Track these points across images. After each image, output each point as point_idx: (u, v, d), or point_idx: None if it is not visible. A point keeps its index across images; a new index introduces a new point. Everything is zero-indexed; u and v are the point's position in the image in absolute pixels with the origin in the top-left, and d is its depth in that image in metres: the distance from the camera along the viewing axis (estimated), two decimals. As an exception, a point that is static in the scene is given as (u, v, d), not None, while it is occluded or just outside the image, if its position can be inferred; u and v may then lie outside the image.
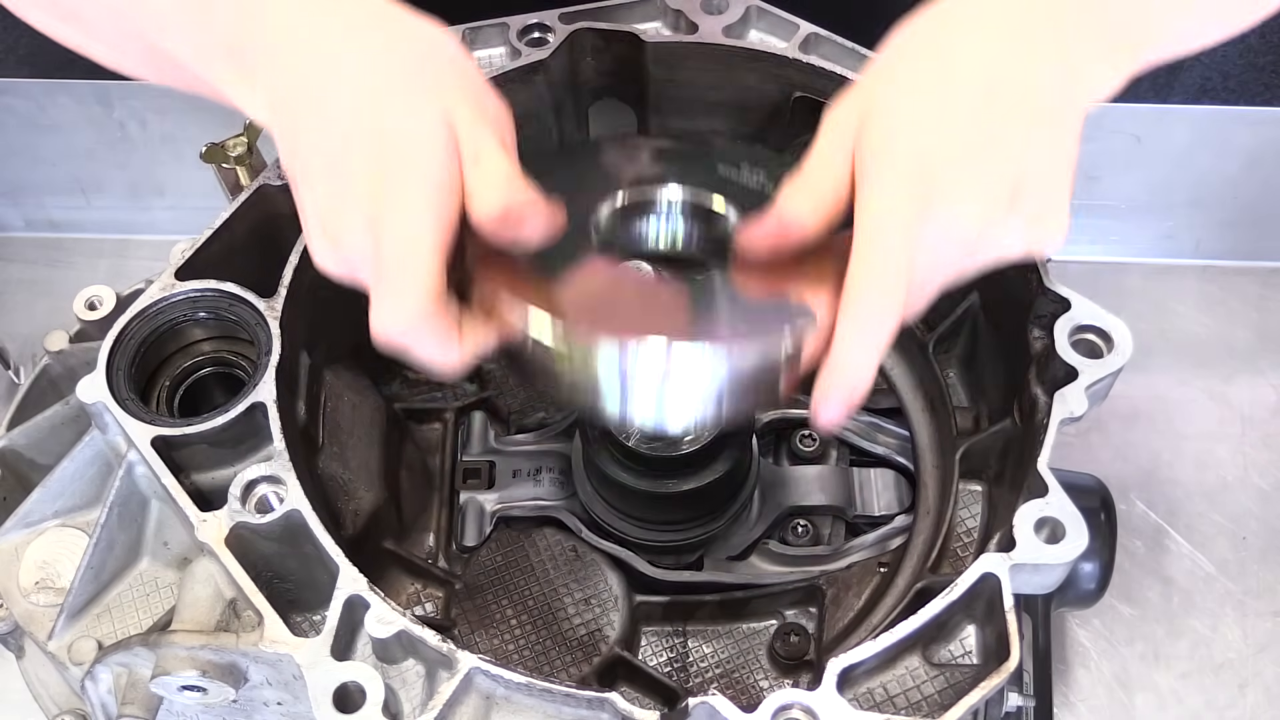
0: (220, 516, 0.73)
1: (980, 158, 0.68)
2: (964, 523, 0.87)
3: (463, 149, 0.69)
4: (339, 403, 0.89)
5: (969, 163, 0.68)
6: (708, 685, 0.88)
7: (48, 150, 1.35)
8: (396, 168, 0.67)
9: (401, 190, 0.67)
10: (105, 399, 0.77)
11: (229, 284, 0.81)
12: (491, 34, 0.94)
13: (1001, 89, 0.69)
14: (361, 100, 0.69)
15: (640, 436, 0.85)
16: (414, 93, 0.69)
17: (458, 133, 0.69)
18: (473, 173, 0.69)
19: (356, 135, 0.68)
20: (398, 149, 0.68)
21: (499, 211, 0.68)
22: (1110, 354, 0.77)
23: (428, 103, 0.69)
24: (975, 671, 0.72)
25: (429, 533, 0.93)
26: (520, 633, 0.87)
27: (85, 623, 0.80)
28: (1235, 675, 1.07)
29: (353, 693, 0.68)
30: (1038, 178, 0.69)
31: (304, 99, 0.70)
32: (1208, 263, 1.31)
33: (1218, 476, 1.17)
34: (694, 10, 0.93)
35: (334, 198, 0.69)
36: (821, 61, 0.90)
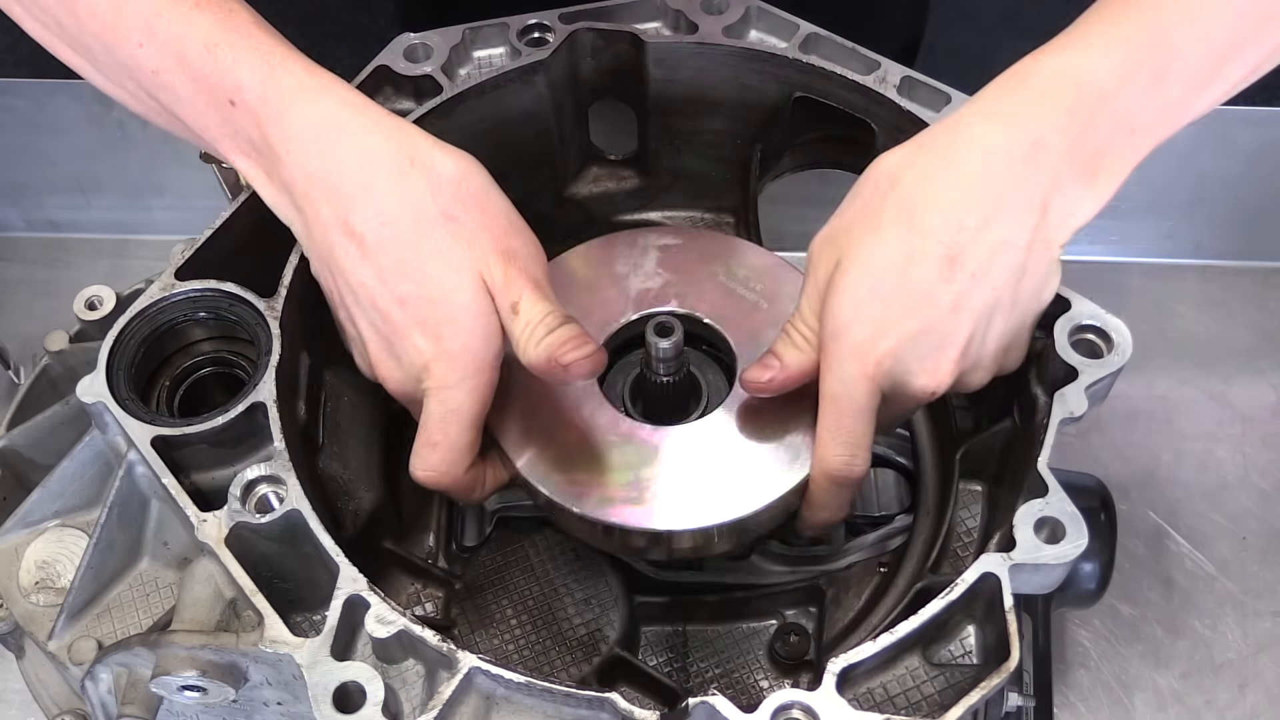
0: (220, 516, 0.73)
1: (936, 333, 0.72)
2: (964, 523, 0.87)
3: (499, 303, 0.75)
4: (339, 403, 0.89)
5: (923, 340, 0.72)
6: (708, 685, 0.88)
7: (48, 150, 1.35)
8: (442, 334, 0.74)
9: (447, 362, 0.74)
10: (105, 399, 0.77)
11: (229, 284, 0.81)
12: (491, 34, 0.94)
13: (964, 259, 0.70)
14: (405, 256, 0.73)
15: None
16: (453, 250, 0.74)
17: (493, 288, 0.74)
18: (513, 324, 0.75)
19: (400, 289, 0.74)
20: (442, 315, 0.74)
21: (544, 361, 0.74)
22: (1110, 354, 0.77)
23: (466, 263, 0.74)
24: (975, 671, 0.72)
25: (429, 533, 0.93)
26: (520, 633, 0.87)
27: (85, 623, 0.80)
28: (1235, 675, 1.07)
29: (353, 693, 0.68)
30: (997, 334, 0.73)
31: (342, 233, 0.74)
32: (1208, 263, 1.31)
33: (1218, 476, 1.17)
34: (694, 10, 0.93)
35: (379, 342, 0.77)
36: (821, 61, 0.90)
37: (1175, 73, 0.70)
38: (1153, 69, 0.70)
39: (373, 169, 0.73)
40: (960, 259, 0.70)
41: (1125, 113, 0.70)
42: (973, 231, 0.70)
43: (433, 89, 0.91)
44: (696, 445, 0.82)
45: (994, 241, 0.70)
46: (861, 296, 0.72)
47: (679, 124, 0.98)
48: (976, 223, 0.70)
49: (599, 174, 1.03)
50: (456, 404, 0.76)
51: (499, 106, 0.93)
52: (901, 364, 0.72)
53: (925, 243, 0.70)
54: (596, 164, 1.03)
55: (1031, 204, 0.70)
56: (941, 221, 0.70)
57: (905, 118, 0.87)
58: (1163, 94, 0.71)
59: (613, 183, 1.03)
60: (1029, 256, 0.71)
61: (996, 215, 0.70)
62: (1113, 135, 0.70)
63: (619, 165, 1.03)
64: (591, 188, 1.03)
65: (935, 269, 0.70)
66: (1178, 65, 0.70)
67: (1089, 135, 0.70)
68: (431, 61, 0.92)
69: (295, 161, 0.73)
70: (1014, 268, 0.71)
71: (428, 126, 0.89)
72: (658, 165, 1.01)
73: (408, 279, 0.73)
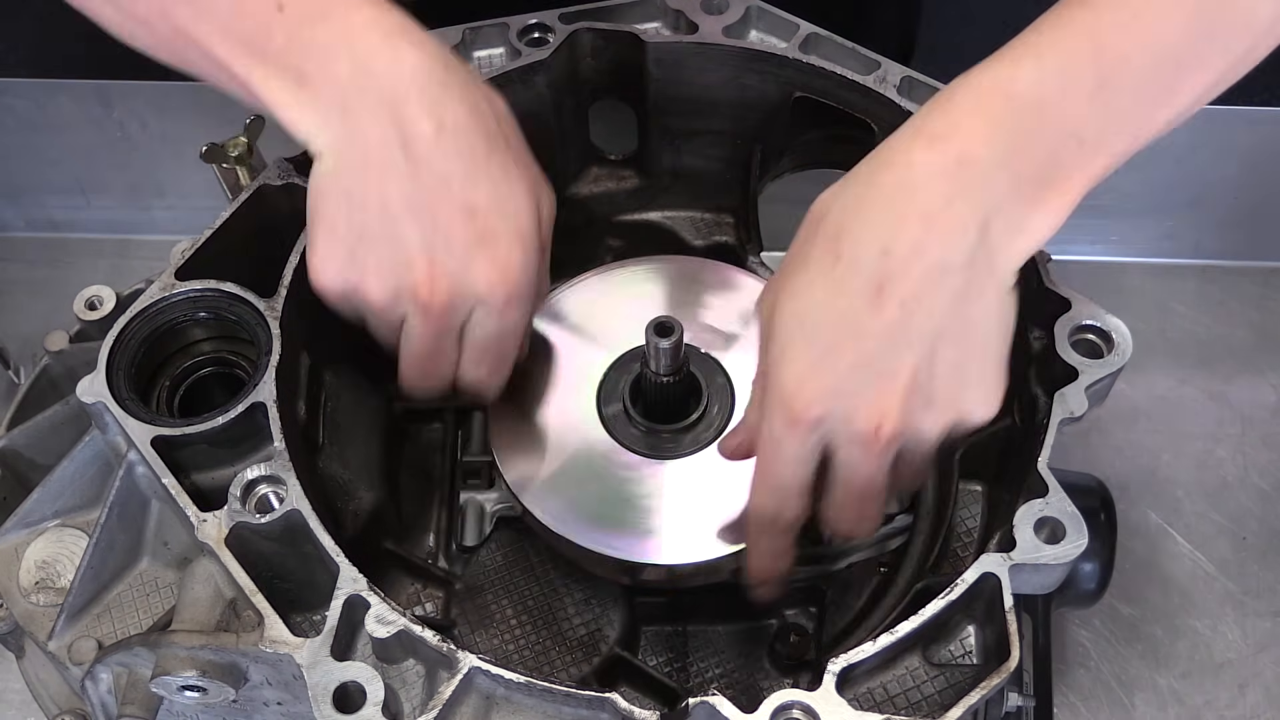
0: (220, 516, 0.73)
1: (871, 367, 0.67)
2: (964, 523, 0.87)
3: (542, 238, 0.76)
4: (339, 403, 0.89)
5: (858, 376, 0.67)
6: (708, 685, 0.88)
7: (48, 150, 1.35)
8: (512, 251, 0.73)
9: (514, 279, 0.74)
10: (105, 399, 0.77)
11: (229, 284, 0.81)
12: (491, 34, 0.94)
13: (893, 285, 0.65)
14: (477, 167, 0.72)
15: None
16: (520, 173, 0.74)
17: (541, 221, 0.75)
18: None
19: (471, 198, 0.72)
20: (513, 231, 0.73)
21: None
22: (1110, 354, 0.77)
23: (528, 188, 0.75)
24: (975, 671, 0.72)
25: (429, 533, 0.93)
26: (520, 633, 0.87)
27: (85, 623, 0.80)
28: (1235, 675, 1.07)
29: (353, 693, 0.68)
30: (949, 367, 0.67)
31: (399, 140, 0.71)
32: (1208, 263, 1.31)
33: (1218, 476, 1.17)
34: (694, 10, 0.93)
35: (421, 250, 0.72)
36: (821, 61, 0.90)
37: (1123, 81, 0.66)
38: (1095, 77, 0.65)
39: (439, 76, 0.71)
40: (888, 286, 0.65)
41: (1068, 123, 0.66)
42: (901, 256, 0.65)
43: (433, 89, 0.90)
44: (698, 477, 0.84)
45: (926, 265, 0.65)
46: (789, 337, 0.69)
47: (679, 124, 0.98)
48: (905, 247, 0.65)
49: (599, 174, 1.03)
50: (514, 322, 0.76)
51: (499, 106, 0.93)
52: (840, 405, 0.68)
53: (850, 273, 0.66)
54: (596, 164, 1.03)
55: (964, 223, 0.65)
56: (865, 248, 0.66)
57: (905, 118, 0.86)
58: (1112, 103, 0.66)
59: (613, 183, 1.03)
60: (969, 280, 0.66)
61: (926, 238, 0.65)
62: (1057, 148, 0.66)
63: (619, 165, 1.03)
64: (591, 188, 1.03)
65: (863, 299, 0.66)
66: (1125, 73, 0.66)
67: (1028, 148, 0.65)
68: (431, 61, 0.91)
69: (343, 68, 0.70)
70: (953, 292, 0.65)
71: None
72: (658, 165, 1.01)
73: (480, 189, 0.71)
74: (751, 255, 1.00)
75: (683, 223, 1.04)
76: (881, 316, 0.66)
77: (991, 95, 0.67)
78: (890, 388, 0.67)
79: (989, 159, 0.65)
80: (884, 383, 0.67)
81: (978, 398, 0.70)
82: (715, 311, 0.90)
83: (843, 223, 0.68)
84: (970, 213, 0.65)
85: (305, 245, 0.76)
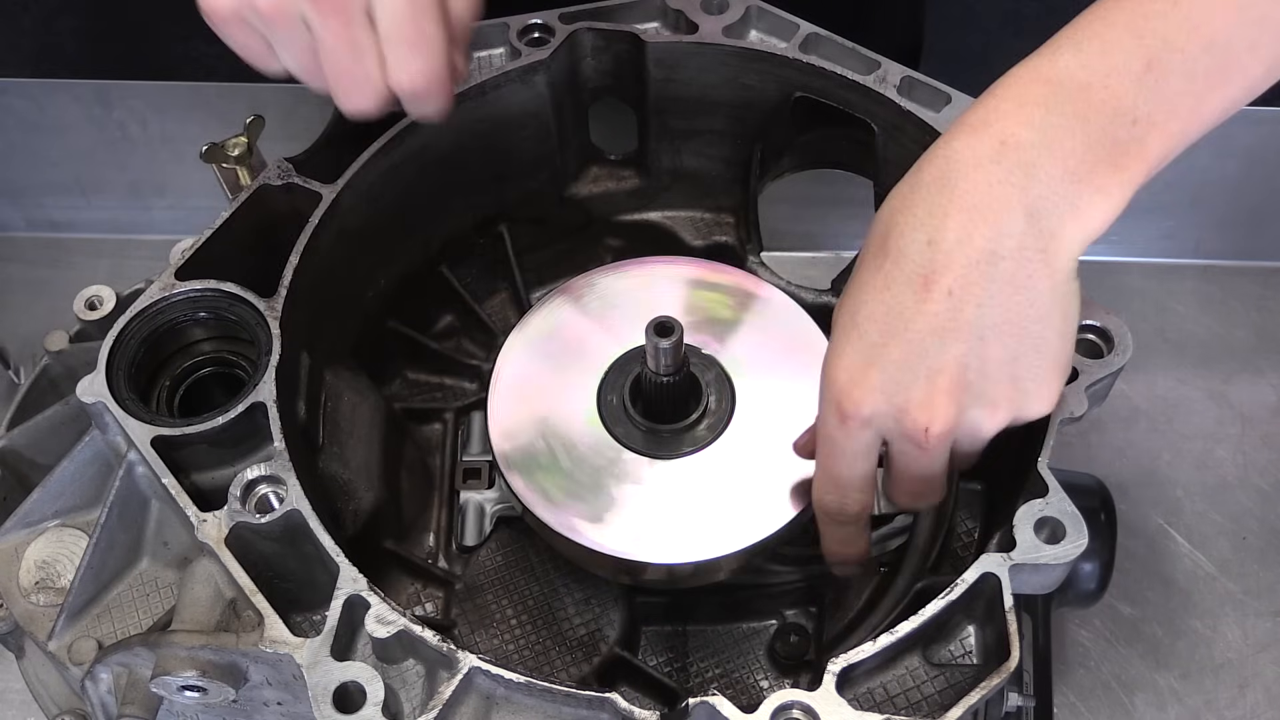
0: (220, 516, 0.73)
1: (920, 362, 0.66)
2: (964, 523, 0.87)
3: None
4: (339, 403, 0.89)
5: (907, 371, 0.66)
6: (708, 685, 0.88)
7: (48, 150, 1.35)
8: None
9: None
10: (105, 399, 0.77)
11: (229, 284, 0.81)
12: (491, 34, 0.94)
13: (939, 276, 0.64)
14: None
15: None
16: None
17: None
18: None
19: None
20: None
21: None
22: (1110, 354, 0.77)
23: None
24: (975, 671, 0.72)
25: (429, 533, 0.93)
26: (520, 633, 0.87)
27: (85, 623, 0.80)
28: (1235, 675, 1.07)
29: (353, 693, 0.68)
30: (999, 362, 0.66)
31: None
32: (1208, 263, 1.31)
33: (1218, 476, 1.17)
34: (694, 10, 0.93)
35: None
36: (821, 61, 0.90)
37: (1172, 64, 0.64)
38: (1141, 59, 0.64)
39: None
40: (933, 277, 0.64)
41: (1117, 104, 0.64)
42: (947, 246, 0.64)
43: (433, 89, 0.90)
44: (698, 477, 0.84)
45: (973, 255, 0.64)
46: (841, 334, 0.68)
47: (679, 124, 0.98)
48: (950, 238, 0.64)
49: (599, 174, 1.03)
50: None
51: (499, 106, 0.93)
52: (890, 402, 0.67)
53: (897, 266, 0.66)
54: (596, 164, 1.03)
55: (1010, 208, 0.64)
56: (910, 241, 0.65)
57: (905, 118, 0.87)
58: (1162, 85, 0.64)
59: (613, 183, 1.03)
60: (1019, 268, 0.64)
61: (972, 226, 0.64)
62: (1108, 128, 0.64)
63: (619, 165, 1.03)
64: (591, 188, 1.03)
65: (910, 291, 0.65)
66: (1173, 56, 0.64)
67: (1075, 129, 0.64)
68: (431, 61, 0.92)
69: None
70: (1002, 281, 0.64)
71: (427, 126, 0.89)
72: (658, 165, 1.01)
73: None
74: (751, 255, 1.00)
75: (683, 223, 1.04)
76: (928, 308, 0.65)
77: (1031, 83, 0.65)
78: (939, 385, 0.66)
79: (1032, 141, 0.64)
80: (932, 379, 0.66)
81: (1033, 392, 0.68)
82: (716, 311, 0.90)
83: (891, 220, 0.67)
84: (1016, 197, 0.64)
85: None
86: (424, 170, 0.92)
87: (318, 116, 0.90)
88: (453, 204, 0.98)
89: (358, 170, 0.86)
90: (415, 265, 0.98)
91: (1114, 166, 0.65)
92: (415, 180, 0.92)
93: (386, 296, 0.97)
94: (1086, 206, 0.65)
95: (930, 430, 0.67)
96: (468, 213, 0.99)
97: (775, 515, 0.81)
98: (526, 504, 0.83)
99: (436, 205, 0.96)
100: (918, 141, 0.85)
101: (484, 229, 1.01)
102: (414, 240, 0.97)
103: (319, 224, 0.84)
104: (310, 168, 0.86)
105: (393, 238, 0.95)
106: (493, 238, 1.01)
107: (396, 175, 0.90)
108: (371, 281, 0.95)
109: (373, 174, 0.87)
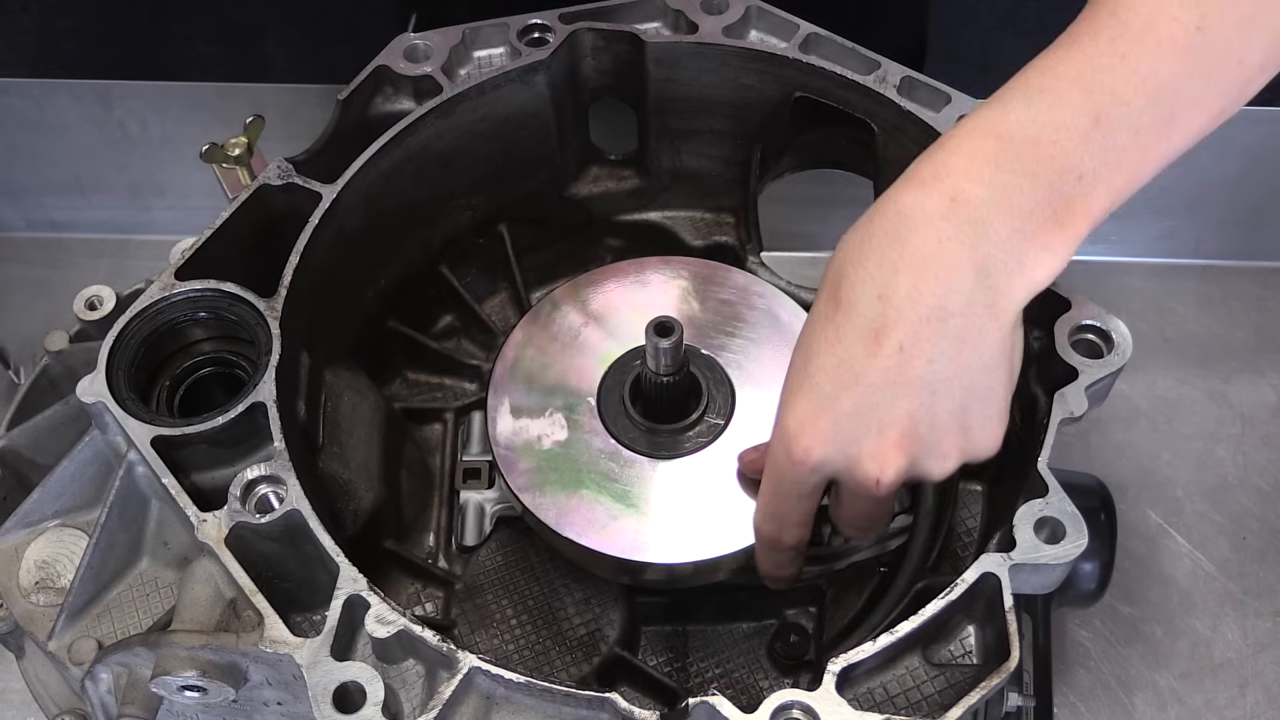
0: (220, 516, 0.73)
1: (870, 415, 0.67)
2: (964, 523, 0.87)
3: None
4: (339, 403, 0.89)
5: (858, 422, 0.67)
6: (708, 685, 0.88)
7: (48, 150, 1.35)
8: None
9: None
10: (105, 399, 0.77)
11: (229, 284, 0.81)
12: (491, 34, 0.94)
13: (889, 331, 0.65)
14: None
15: None
16: None
17: None
18: None
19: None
20: None
21: None
22: (1110, 354, 0.77)
23: None
24: (975, 671, 0.72)
25: (429, 533, 0.93)
26: (520, 633, 0.87)
27: (85, 623, 0.80)
28: (1235, 675, 1.07)
29: (353, 693, 0.68)
30: (948, 414, 0.67)
31: None
32: (1208, 263, 1.31)
33: (1218, 476, 1.17)
34: (694, 10, 0.93)
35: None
36: (821, 61, 0.90)
37: (1119, 118, 0.65)
38: (1089, 114, 0.65)
39: None
40: (884, 332, 0.65)
41: (1065, 160, 0.65)
42: (898, 302, 0.65)
43: (433, 89, 0.91)
44: (698, 477, 0.84)
45: (923, 311, 0.65)
46: (794, 380, 0.69)
47: (679, 124, 0.98)
48: (901, 294, 0.65)
49: (599, 174, 1.03)
50: None
51: (499, 106, 0.93)
52: (839, 451, 0.68)
53: (848, 318, 0.66)
54: (596, 164, 1.03)
55: (960, 265, 0.64)
56: (862, 294, 0.66)
57: (905, 118, 0.87)
58: (1109, 139, 0.65)
59: (613, 183, 1.03)
60: (968, 324, 0.65)
61: (922, 282, 0.65)
62: (1056, 184, 0.65)
63: (619, 165, 1.03)
64: (591, 188, 1.03)
65: (861, 345, 0.66)
66: (1119, 110, 0.65)
67: (1023, 185, 0.64)
68: (431, 61, 0.92)
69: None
70: (952, 337, 0.65)
71: (427, 127, 0.90)
72: (658, 165, 1.01)
73: None
74: (751, 255, 1.00)
75: (682, 223, 1.04)
76: (879, 362, 0.66)
77: (982, 137, 0.66)
78: (889, 438, 0.67)
79: (983, 198, 0.65)
80: (883, 432, 0.67)
81: (980, 438, 0.70)
82: (716, 311, 0.91)
83: (841, 270, 0.68)
84: (966, 255, 0.65)
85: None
86: (424, 170, 0.92)
87: (318, 116, 0.90)
88: (453, 204, 0.98)
89: (358, 170, 0.86)
90: (415, 265, 0.98)
91: (1059, 224, 0.66)
92: (415, 180, 0.92)
93: (386, 296, 0.97)
94: (1033, 263, 0.66)
95: (880, 481, 0.69)
96: (468, 213, 0.99)
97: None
98: (526, 504, 0.83)
99: (436, 205, 0.96)
100: (918, 141, 0.85)
101: (484, 229, 1.01)
102: (414, 240, 0.97)
103: (319, 224, 0.84)
104: (310, 168, 0.86)
105: (393, 238, 0.95)
106: (493, 238, 1.01)
107: (396, 175, 0.90)
108: (371, 281, 0.95)
109: (373, 174, 0.87)
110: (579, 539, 0.82)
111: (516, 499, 0.84)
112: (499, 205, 1.00)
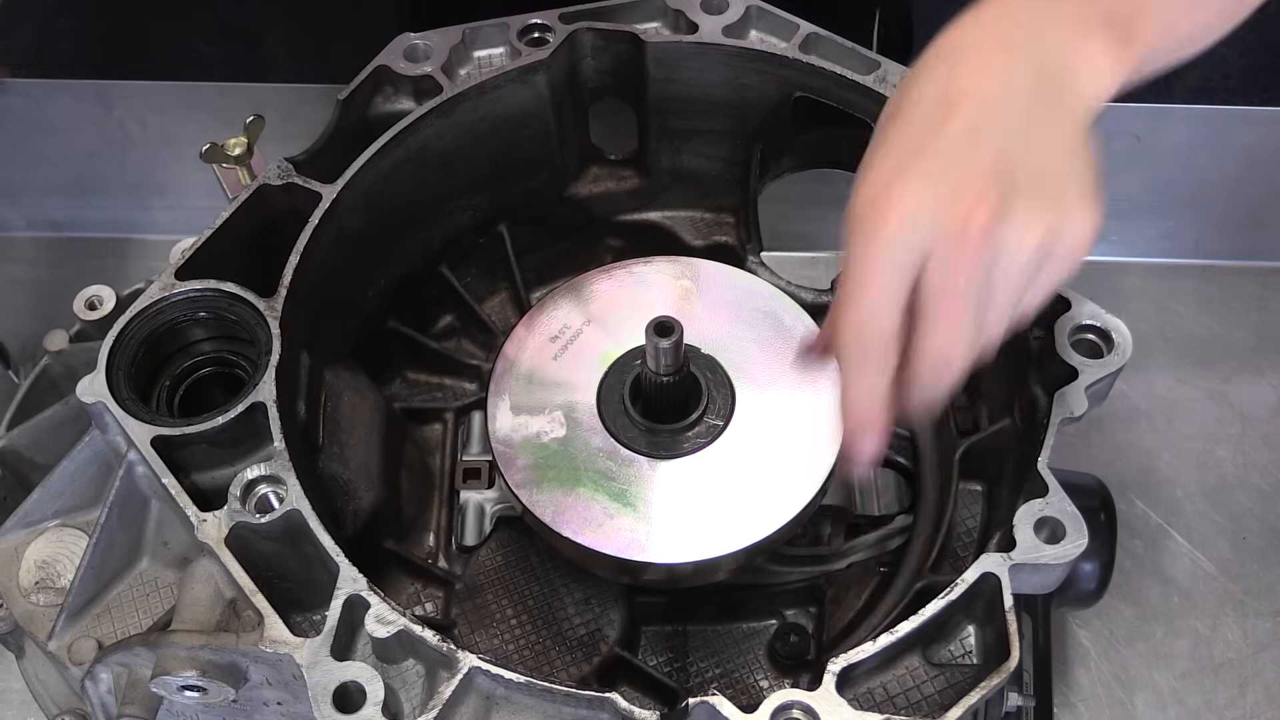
0: (220, 516, 0.73)
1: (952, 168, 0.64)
2: (964, 523, 0.87)
3: None
4: (339, 403, 0.89)
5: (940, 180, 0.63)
6: (708, 685, 0.88)
7: (48, 150, 1.35)
8: None
9: None
10: (105, 399, 0.77)
11: (229, 284, 0.81)
12: (491, 34, 0.94)
13: (960, 107, 0.64)
14: None
15: None
16: None
17: None
18: None
19: None
20: None
21: None
22: (1110, 354, 0.78)
23: None
24: (975, 671, 0.72)
25: (429, 533, 0.93)
26: (520, 633, 0.87)
27: (85, 623, 0.80)
28: (1235, 675, 1.07)
29: (353, 693, 0.68)
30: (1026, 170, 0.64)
31: None
32: (1208, 263, 1.31)
33: (1218, 476, 1.17)
34: (694, 10, 0.93)
35: None
36: (821, 61, 0.90)
37: None
38: None
39: None
40: (953, 108, 0.65)
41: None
42: (961, 88, 0.65)
43: (433, 89, 0.91)
44: (698, 477, 0.84)
45: (988, 94, 0.65)
46: (872, 153, 0.67)
47: (679, 124, 0.98)
48: (966, 83, 0.65)
49: (599, 174, 1.03)
50: None
51: (499, 106, 0.93)
52: (933, 190, 0.63)
53: (913, 112, 0.66)
54: (596, 164, 1.03)
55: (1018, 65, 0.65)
56: (922, 94, 0.66)
57: (905, 118, 0.87)
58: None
59: (613, 183, 1.03)
60: (1035, 108, 0.65)
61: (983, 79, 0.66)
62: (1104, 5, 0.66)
63: (619, 165, 1.03)
64: (591, 188, 1.03)
65: (930, 123, 0.65)
66: None
67: (1071, 6, 0.66)
68: (431, 61, 0.92)
69: None
70: (1023, 115, 0.65)
71: (427, 127, 0.90)
72: (658, 165, 1.01)
73: None
74: (751, 255, 1.00)
75: (682, 223, 1.04)
76: (954, 124, 0.65)
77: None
78: (976, 173, 0.64)
79: (1030, 12, 0.67)
80: (968, 170, 0.64)
81: (1073, 203, 0.65)
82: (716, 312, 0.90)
83: (899, 96, 0.68)
84: (1022, 59, 0.66)
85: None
86: (424, 170, 0.92)
87: (318, 116, 0.90)
88: (453, 204, 0.98)
89: (358, 170, 0.86)
90: (415, 265, 0.98)
91: (1116, 29, 0.66)
92: (415, 180, 0.92)
93: (386, 296, 0.97)
94: (1094, 62, 0.66)
95: (971, 219, 0.63)
96: (468, 213, 0.99)
97: (775, 515, 0.81)
98: (526, 504, 0.83)
99: (436, 205, 0.97)
100: (918, 141, 0.85)
101: (484, 229, 1.01)
102: (414, 240, 0.97)
103: (319, 224, 0.84)
104: (310, 168, 0.86)
105: (393, 238, 0.95)
106: (493, 238, 1.01)
107: (396, 175, 0.90)
108: (371, 281, 0.95)
109: (373, 174, 0.87)
110: (575, 537, 0.82)
111: (514, 496, 0.84)
112: (499, 205, 1.00)
